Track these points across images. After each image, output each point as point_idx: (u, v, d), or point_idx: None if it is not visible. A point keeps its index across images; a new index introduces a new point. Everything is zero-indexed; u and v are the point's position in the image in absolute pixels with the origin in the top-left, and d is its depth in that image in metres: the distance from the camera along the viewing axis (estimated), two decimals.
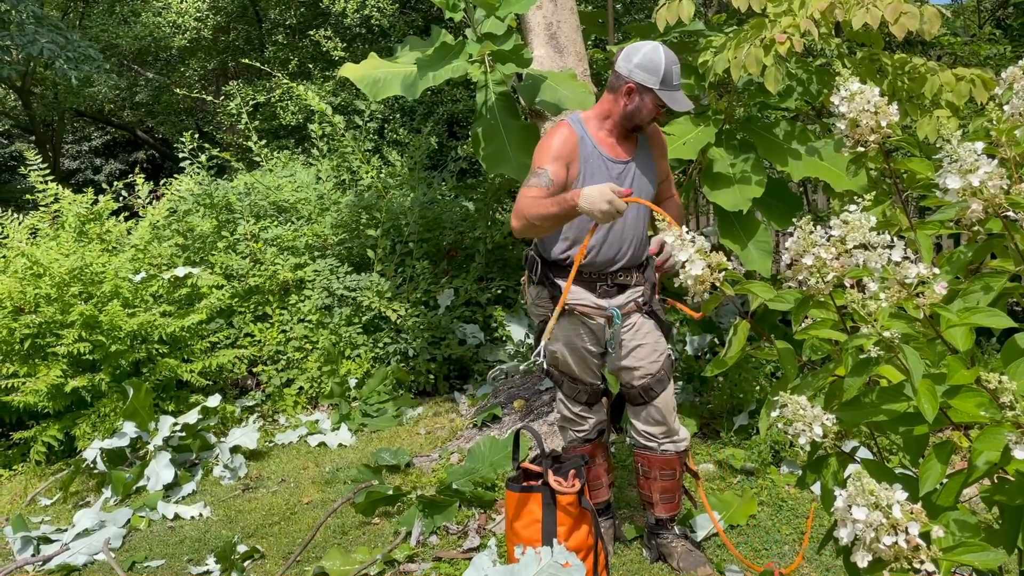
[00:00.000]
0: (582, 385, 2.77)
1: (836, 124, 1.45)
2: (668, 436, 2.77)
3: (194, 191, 5.68)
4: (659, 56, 2.52)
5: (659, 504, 2.82)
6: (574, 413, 2.82)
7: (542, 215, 2.49)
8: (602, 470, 2.91)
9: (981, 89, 3.41)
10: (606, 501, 2.96)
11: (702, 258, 1.45)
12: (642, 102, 2.56)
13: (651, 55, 2.53)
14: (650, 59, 2.52)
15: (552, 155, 2.57)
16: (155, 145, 14.73)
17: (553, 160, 2.57)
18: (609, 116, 2.64)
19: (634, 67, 2.54)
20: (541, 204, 2.49)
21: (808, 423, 1.28)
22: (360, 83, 3.65)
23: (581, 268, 2.62)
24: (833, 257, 1.27)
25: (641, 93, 2.55)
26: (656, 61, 2.52)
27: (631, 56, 2.56)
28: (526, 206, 2.52)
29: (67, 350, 4.26)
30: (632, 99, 2.57)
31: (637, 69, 2.53)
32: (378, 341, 5.21)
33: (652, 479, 2.81)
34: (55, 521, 3.68)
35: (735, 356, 1.47)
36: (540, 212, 2.49)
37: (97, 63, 7.96)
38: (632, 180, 2.65)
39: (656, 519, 2.85)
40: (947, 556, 1.10)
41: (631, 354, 2.72)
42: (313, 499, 3.73)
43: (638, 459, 2.84)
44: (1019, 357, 1.27)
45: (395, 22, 9.44)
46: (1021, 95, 1.44)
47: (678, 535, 2.85)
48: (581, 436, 2.84)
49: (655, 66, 2.51)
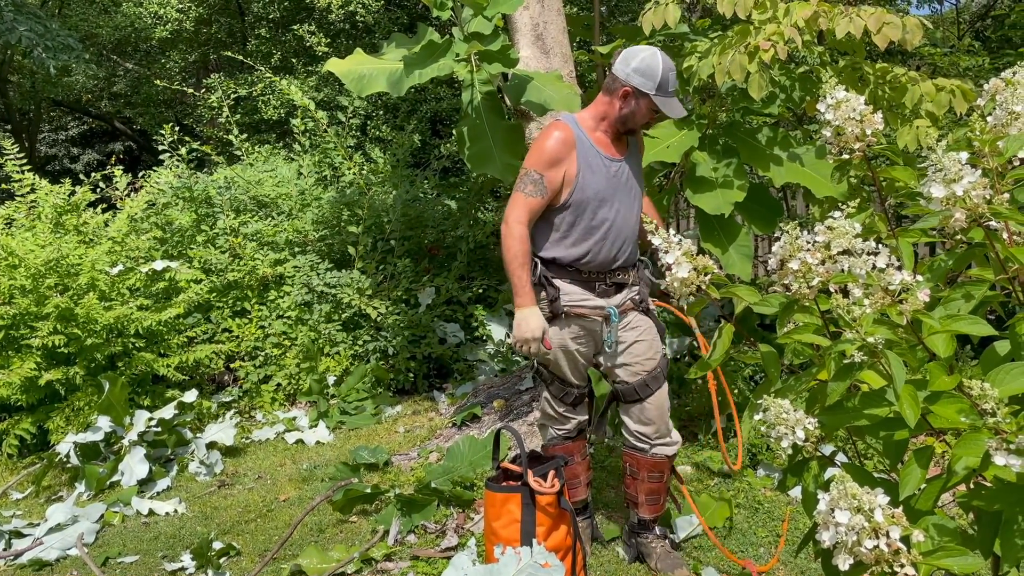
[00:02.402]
0: (569, 387, 2.78)
1: (822, 131, 1.47)
2: (660, 437, 2.77)
3: (173, 184, 5.63)
4: (656, 62, 2.55)
5: (644, 505, 2.83)
6: (558, 413, 2.83)
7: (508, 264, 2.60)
8: (580, 469, 2.92)
9: (961, 100, 3.45)
10: (584, 500, 2.97)
11: (688, 261, 1.46)
12: (637, 106, 2.59)
13: (649, 60, 2.55)
14: (648, 64, 2.54)
15: (548, 158, 2.58)
16: (133, 136, 14.56)
17: (548, 165, 2.58)
18: (605, 118, 2.66)
19: (631, 71, 2.56)
20: (516, 258, 2.58)
21: (791, 426, 1.29)
22: (345, 78, 3.64)
23: (580, 268, 2.66)
24: (819, 262, 1.28)
25: (637, 97, 2.58)
26: (653, 67, 2.54)
27: (629, 60, 2.58)
28: (515, 236, 2.58)
29: (42, 342, 4.20)
30: (628, 103, 2.60)
31: (634, 73, 2.55)
32: (358, 338, 5.19)
33: (640, 480, 2.81)
34: (27, 515, 3.63)
35: (719, 359, 1.48)
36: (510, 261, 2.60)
37: (76, 53, 7.85)
38: (626, 177, 2.69)
39: (639, 519, 2.86)
40: (927, 560, 1.12)
41: (628, 350, 2.73)
42: (290, 496, 3.70)
43: (627, 459, 2.84)
44: (998, 364, 1.29)
45: (380, 19, 9.40)
46: (1004, 106, 1.46)
47: (658, 536, 2.86)
48: (562, 435, 2.85)
49: (652, 71, 2.54)
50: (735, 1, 3.30)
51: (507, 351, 5.25)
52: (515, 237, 2.58)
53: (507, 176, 3.63)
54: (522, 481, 2.59)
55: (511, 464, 2.68)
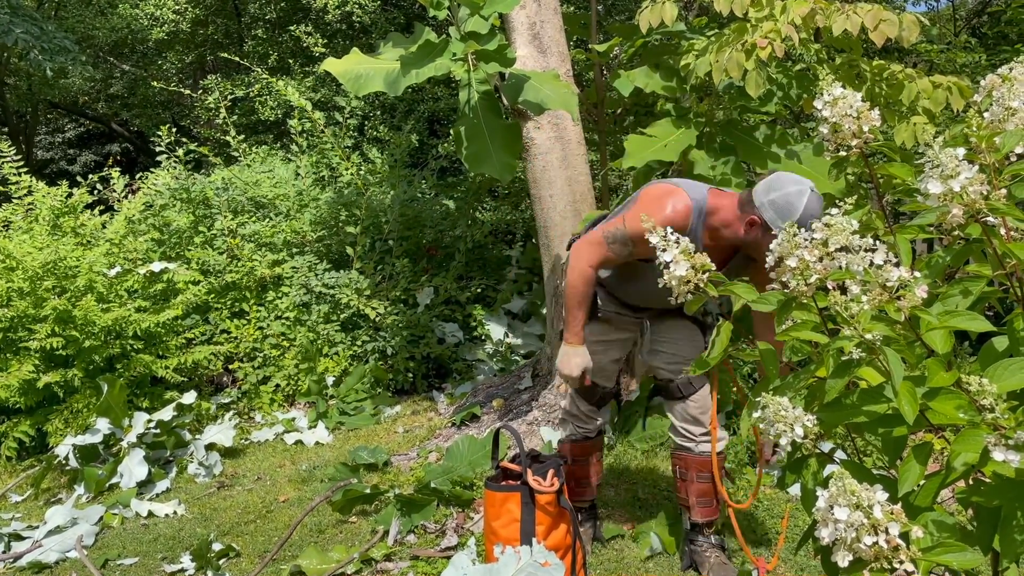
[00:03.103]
0: (594, 385, 2.78)
1: (819, 128, 1.47)
2: (706, 435, 2.73)
3: (171, 185, 5.62)
4: (799, 203, 2.24)
5: (696, 508, 2.77)
6: (583, 411, 2.83)
7: (568, 299, 2.57)
8: (593, 469, 2.91)
9: (957, 96, 3.45)
10: (591, 500, 2.96)
11: (686, 259, 1.46)
12: (760, 238, 2.31)
13: (792, 198, 2.25)
14: (788, 202, 2.25)
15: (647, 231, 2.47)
16: (130, 138, 14.54)
17: (645, 238, 2.49)
18: (728, 226, 2.41)
19: (768, 202, 2.28)
20: (577, 297, 2.56)
21: (789, 424, 1.29)
22: (342, 78, 3.63)
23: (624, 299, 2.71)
24: (816, 259, 1.28)
25: (763, 230, 2.30)
26: (793, 207, 2.24)
27: (772, 187, 2.29)
28: (584, 277, 2.55)
29: (40, 345, 4.20)
30: (751, 232, 2.35)
31: (769, 205, 2.27)
32: (356, 339, 5.18)
33: (689, 481, 2.77)
34: (26, 518, 3.63)
35: (718, 356, 1.48)
36: (571, 297, 2.57)
37: (73, 54, 7.84)
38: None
39: (692, 523, 2.81)
40: (926, 556, 1.12)
41: (669, 346, 2.72)
42: (289, 497, 3.70)
43: (675, 462, 2.81)
44: (996, 360, 1.29)
45: (377, 19, 9.39)
46: (1000, 102, 1.47)
47: (713, 544, 2.79)
48: (582, 433, 2.85)
49: (789, 212, 2.24)
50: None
51: (506, 350, 5.25)
52: (584, 279, 2.54)
53: (505, 175, 3.62)
54: (521, 480, 2.59)
55: (510, 463, 2.68)
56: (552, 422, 3.96)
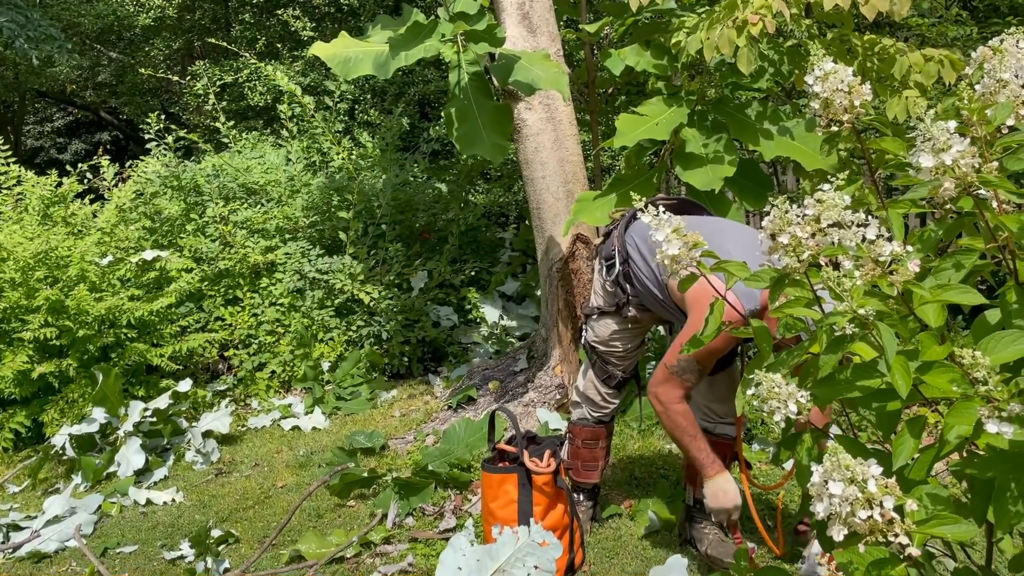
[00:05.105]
0: (615, 368, 2.79)
1: (810, 104, 1.46)
2: (726, 416, 2.74)
3: (161, 173, 5.59)
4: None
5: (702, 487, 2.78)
6: (601, 395, 2.82)
7: (682, 442, 2.47)
8: (601, 452, 2.91)
9: (949, 70, 3.44)
10: (596, 483, 2.97)
11: (678, 237, 1.45)
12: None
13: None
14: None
15: (714, 350, 2.39)
16: (119, 126, 14.44)
17: (713, 358, 2.44)
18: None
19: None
20: (688, 434, 2.44)
21: (783, 400, 1.29)
22: (330, 62, 3.61)
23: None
24: (808, 236, 1.28)
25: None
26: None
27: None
28: (680, 414, 2.43)
29: (33, 335, 4.19)
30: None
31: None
32: (351, 324, 5.18)
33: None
34: (24, 508, 3.63)
35: (711, 335, 1.48)
36: (680, 438, 2.46)
37: (59, 42, 7.76)
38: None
39: (695, 500, 2.79)
40: (921, 529, 1.12)
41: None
42: (287, 483, 3.71)
43: None
44: (989, 333, 1.29)
45: (365, 1, 9.31)
46: (991, 74, 1.46)
47: (712, 523, 2.79)
48: (597, 417, 2.85)
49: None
50: None
51: (501, 333, 5.26)
52: (681, 415, 2.45)
53: (496, 157, 3.61)
54: (518, 461, 2.60)
55: (507, 445, 2.69)
56: (548, 403, 3.97)
